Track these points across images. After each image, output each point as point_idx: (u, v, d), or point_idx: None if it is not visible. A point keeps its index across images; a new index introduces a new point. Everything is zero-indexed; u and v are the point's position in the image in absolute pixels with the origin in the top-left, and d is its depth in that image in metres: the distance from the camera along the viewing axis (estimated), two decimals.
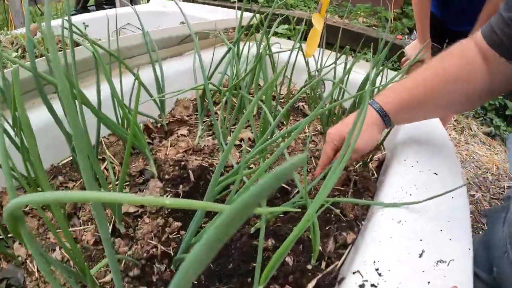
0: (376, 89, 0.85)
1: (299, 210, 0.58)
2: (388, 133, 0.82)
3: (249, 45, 0.99)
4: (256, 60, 0.90)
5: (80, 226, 0.76)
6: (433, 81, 0.67)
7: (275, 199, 0.79)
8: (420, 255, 0.49)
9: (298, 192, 0.76)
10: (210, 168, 0.86)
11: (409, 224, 0.55)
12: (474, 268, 0.51)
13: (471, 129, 2.70)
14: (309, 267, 0.59)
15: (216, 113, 0.92)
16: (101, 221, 0.37)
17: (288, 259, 0.60)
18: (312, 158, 0.96)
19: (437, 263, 0.48)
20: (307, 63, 0.99)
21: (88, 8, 4.22)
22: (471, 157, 2.34)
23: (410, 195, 0.61)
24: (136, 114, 0.59)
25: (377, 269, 0.48)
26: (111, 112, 0.83)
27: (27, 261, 0.71)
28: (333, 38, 1.06)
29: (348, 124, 0.71)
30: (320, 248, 0.60)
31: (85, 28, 1.65)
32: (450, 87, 0.66)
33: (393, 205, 0.58)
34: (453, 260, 0.48)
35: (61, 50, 0.75)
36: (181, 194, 0.79)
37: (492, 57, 0.62)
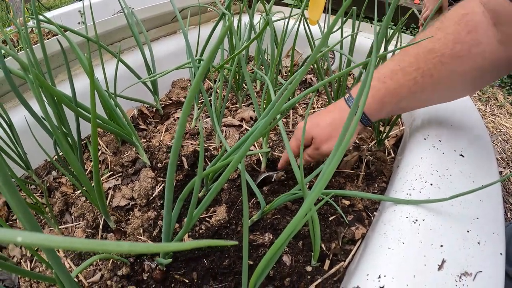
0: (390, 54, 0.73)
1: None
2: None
3: (251, 17, 0.89)
4: (259, 29, 0.80)
5: (72, 222, 0.71)
6: (426, 60, 0.50)
7: (277, 186, 0.71)
8: (440, 267, 0.38)
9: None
10: (206, 153, 0.79)
11: (427, 225, 0.43)
12: (506, 268, 0.42)
13: (497, 99, 2.50)
14: (309, 269, 0.51)
15: (216, 91, 0.84)
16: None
17: (285, 258, 0.52)
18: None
19: (460, 277, 0.37)
20: (310, 31, 0.87)
21: None
22: (498, 130, 2.17)
23: (431, 184, 0.48)
24: (94, 108, 0.51)
25: None
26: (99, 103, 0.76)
27: (21, 261, 0.68)
28: (339, 4, 0.93)
29: (320, 122, 0.61)
30: (323, 245, 0.52)
31: (81, 16, 1.58)
32: (448, 67, 0.49)
33: (407, 202, 0.47)
34: (480, 272, 0.38)
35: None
36: (174, 183, 0.73)
37: (504, 16, 0.46)
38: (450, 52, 0.48)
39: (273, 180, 0.71)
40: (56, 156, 0.75)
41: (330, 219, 0.61)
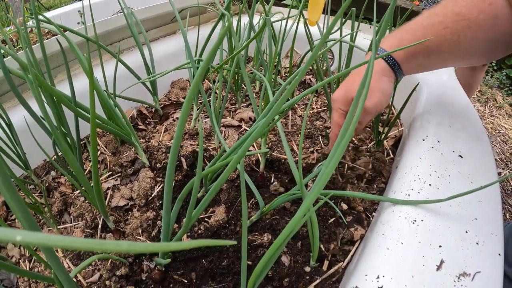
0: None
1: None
2: (404, 105, 0.71)
3: (251, 18, 0.89)
4: (257, 30, 0.80)
5: (71, 222, 0.71)
6: (453, 21, 0.54)
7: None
8: (438, 267, 0.38)
9: None
10: (205, 154, 0.79)
11: (426, 225, 0.43)
12: (505, 268, 0.42)
13: (496, 101, 2.50)
14: (307, 269, 0.51)
15: (216, 92, 0.84)
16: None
17: (284, 258, 0.52)
18: (320, 137, 0.87)
19: (458, 277, 0.37)
20: (309, 32, 0.88)
21: None
22: (497, 131, 2.18)
23: (429, 185, 0.49)
24: (93, 108, 0.51)
25: None
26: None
27: (20, 261, 0.68)
28: (339, 5, 0.94)
29: (353, 82, 0.61)
30: (321, 245, 0.52)
31: (81, 16, 1.58)
32: (472, 33, 0.53)
33: (406, 203, 0.47)
34: (479, 272, 0.38)
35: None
36: (173, 183, 0.73)
37: None
38: (475, 19, 0.52)
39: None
40: (55, 156, 0.75)
41: (330, 221, 0.61)
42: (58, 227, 0.70)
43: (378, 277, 0.38)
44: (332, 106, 0.64)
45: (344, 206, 0.64)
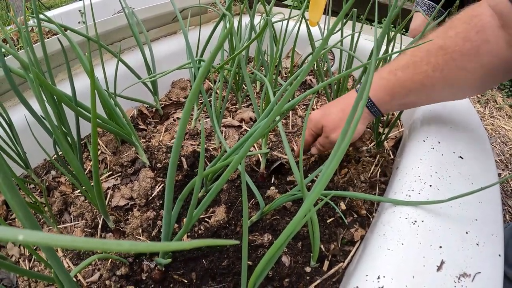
0: (389, 57, 0.73)
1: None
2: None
3: (252, 18, 0.89)
4: (258, 31, 0.80)
5: (71, 222, 0.71)
6: (437, 56, 0.51)
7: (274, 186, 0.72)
8: (439, 268, 0.38)
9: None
10: (205, 154, 0.79)
11: (426, 226, 0.43)
12: (505, 269, 0.42)
13: (496, 102, 2.50)
14: (308, 269, 0.51)
15: (216, 92, 0.84)
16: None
17: (284, 258, 0.52)
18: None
19: (459, 278, 0.37)
20: (310, 33, 0.88)
21: None
22: (497, 132, 2.18)
23: (430, 186, 0.49)
24: (95, 107, 0.51)
25: None
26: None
27: (20, 260, 0.68)
28: (340, 6, 0.94)
29: (330, 111, 0.63)
30: (322, 246, 0.52)
31: (81, 15, 1.58)
32: (458, 63, 0.50)
33: (406, 204, 0.47)
34: (479, 273, 0.38)
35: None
36: (174, 183, 0.73)
37: (510, 19, 0.47)
38: (460, 49, 0.50)
39: (285, 166, 0.73)
40: (55, 156, 0.75)
41: (328, 221, 0.61)
42: (58, 226, 0.70)
43: (378, 278, 0.38)
44: (307, 124, 0.67)
45: (343, 206, 0.64)
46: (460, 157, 0.54)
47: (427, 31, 0.61)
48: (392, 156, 0.78)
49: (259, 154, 0.79)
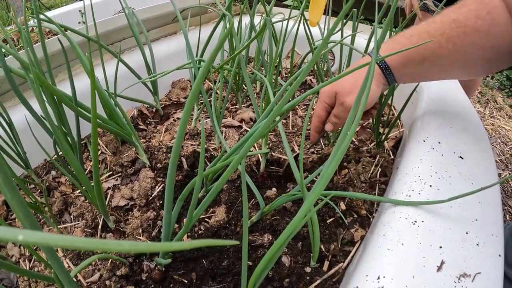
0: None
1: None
2: (404, 106, 0.71)
3: (252, 18, 0.89)
4: (258, 30, 0.80)
5: (71, 222, 0.71)
6: (450, 28, 0.53)
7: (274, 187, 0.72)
8: (439, 268, 0.38)
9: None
10: (205, 154, 0.79)
11: (426, 226, 0.43)
12: (505, 269, 0.42)
13: (496, 102, 2.50)
14: (308, 269, 0.51)
15: (216, 92, 0.84)
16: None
17: (284, 258, 0.52)
18: (321, 139, 0.87)
19: (459, 278, 0.37)
20: (310, 33, 0.88)
21: None
22: (497, 132, 2.18)
23: (430, 186, 0.49)
24: (95, 108, 0.51)
25: None
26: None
27: (20, 260, 0.68)
28: (340, 6, 0.94)
29: (342, 80, 0.61)
30: (322, 246, 0.52)
31: (82, 16, 1.58)
32: (470, 38, 0.52)
33: (406, 204, 0.47)
34: (479, 273, 0.38)
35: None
36: (174, 183, 0.73)
37: None
38: (473, 25, 0.51)
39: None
40: (55, 156, 0.75)
41: (328, 221, 0.61)
42: (58, 226, 0.70)
43: (378, 278, 0.38)
44: (319, 98, 0.65)
45: (343, 207, 0.64)
46: (460, 157, 0.54)
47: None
48: (392, 156, 0.78)
49: (259, 154, 0.79)
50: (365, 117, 0.68)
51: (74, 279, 0.58)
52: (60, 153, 0.76)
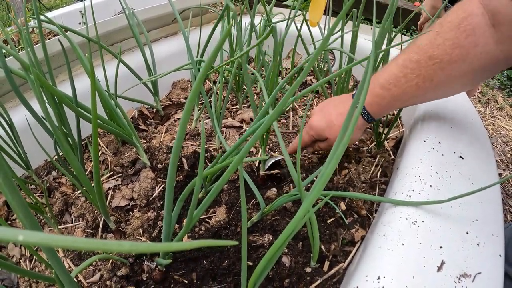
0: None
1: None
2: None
3: (252, 18, 0.89)
4: (260, 32, 0.80)
5: (72, 222, 0.71)
6: (427, 67, 0.53)
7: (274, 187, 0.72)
8: (439, 268, 0.38)
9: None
10: (206, 154, 0.79)
11: (426, 226, 0.43)
12: (506, 268, 0.42)
13: (497, 102, 2.50)
14: (308, 270, 0.51)
15: (217, 93, 0.84)
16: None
17: (285, 259, 0.52)
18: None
19: (459, 278, 0.37)
20: (310, 33, 0.88)
21: None
22: (498, 132, 2.17)
23: (430, 186, 0.48)
24: (95, 108, 0.51)
25: None
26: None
27: (21, 261, 0.68)
28: (340, 6, 0.94)
29: (333, 123, 0.66)
30: (322, 246, 0.52)
31: (82, 16, 1.58)
32: (445, 72, 0.52)
33: (407, 204, 0.47)
34: (479, 273, 0.38)
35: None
36: (174, 184, 0.73)
37: (504, 16, 0.47)
38: (449, 58, 0.51)
39: (281, 163, 0.73)
40: (56, 156, 0.75)
41: (329, 221, 0.61)
42: (59, 227, 0.70)
43: (379, 278, 0.38)
44: (308, 129, 0.69)
45: (343, 207, 0.64)
46: (461, 157, 0.54)
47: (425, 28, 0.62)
48: (392, 156, 0.78)
49: (259, 156, 0.79)
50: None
51: (75, 280, 0.59)
52: (61, 153, 0.76)
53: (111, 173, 0.79)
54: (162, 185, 0.72)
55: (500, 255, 0.40)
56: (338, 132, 0.63)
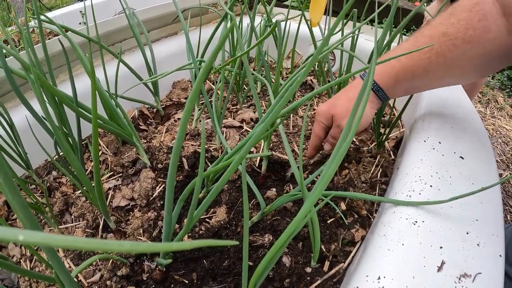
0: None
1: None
2: (405, 107, 0.71)
3: (252, 18, 0.89)
4: (261, 32, 0.80)
5: (72, 222, 0.71)
6: (440, 42, 0.53)
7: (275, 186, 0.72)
8: (439, 268, 0.38)
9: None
10: (206, 154, 0.79)
11: (427, 226, 0.43)
12: (506, 268, 0.42)
13: (497, 102, 2.50)
14: (308, 270, 0.51)
15: (217, 93, 0.84)
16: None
17: (285, 259, 0.52)
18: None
19: (459, 279, 0.37)
20: (311, 33, 0.88)
21: None
22: (498, 132, 2.17)
23: (430, 186, 0.48)
24: (95, 108, 0.51)
25: None
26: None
27: (21, 261, 0.68)
28: (340, 6, 0.94)
29: (339, 99, 0.63)
30: (322, 246, 0.52)
31: (82, 16, 1.58)
32: (460, 50, 0.52)
33: (407, 204, 0.47)
34: (479, 273, 0.38)
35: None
36: (174, 184, 0.73)
37: None
38: (463, 36, 0.51)
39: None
40: (56, 156, 0.75)
41: (329, 221, 0.61)
42: (59, 227, 0.70)
43: (379, 278, 0.38)
44: (316, 118, 0.67)
45: (344, 207, 0.64)
46: (461, 157, 0.54)
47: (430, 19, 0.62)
48: (393, 157, 0.78)
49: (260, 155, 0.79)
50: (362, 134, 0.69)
51: (75, 279, 0.59)
52: (61, 153, 0.76)
53: (112, 173, 0.79)
54: (163, 185, 0.72)
55: (500, 255, 0.40)
56: (343, 106, 0.61)
